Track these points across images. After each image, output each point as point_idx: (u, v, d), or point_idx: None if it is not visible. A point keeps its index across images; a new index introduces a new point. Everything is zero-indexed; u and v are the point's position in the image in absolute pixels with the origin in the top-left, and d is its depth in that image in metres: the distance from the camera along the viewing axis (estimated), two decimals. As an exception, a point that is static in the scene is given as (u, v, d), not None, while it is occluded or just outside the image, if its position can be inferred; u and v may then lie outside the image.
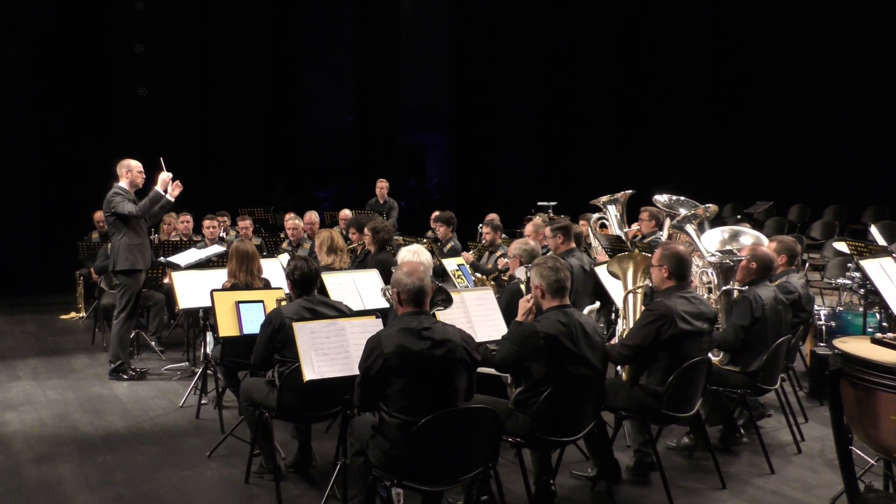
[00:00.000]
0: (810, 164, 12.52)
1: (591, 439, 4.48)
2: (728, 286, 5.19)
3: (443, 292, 4.29)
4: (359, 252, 7.18)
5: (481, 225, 8.13)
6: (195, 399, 6.09)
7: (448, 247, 8.17)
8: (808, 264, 9.77)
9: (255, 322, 5.02)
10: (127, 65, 13.57)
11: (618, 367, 4.72)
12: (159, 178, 6.93)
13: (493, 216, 8.47)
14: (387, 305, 5.39)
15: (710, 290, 5.28)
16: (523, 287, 5.21)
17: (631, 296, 4.87)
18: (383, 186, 11.28)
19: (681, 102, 14.73)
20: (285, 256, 7.24)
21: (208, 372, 6.11)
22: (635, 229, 8.06)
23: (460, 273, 7.08)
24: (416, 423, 3.40)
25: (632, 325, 4.67)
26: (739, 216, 11.54)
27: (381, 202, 11.23)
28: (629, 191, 8.00)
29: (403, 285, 3.69)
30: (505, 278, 6.13)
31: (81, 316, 9.69)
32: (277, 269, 6.42)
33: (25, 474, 4.86)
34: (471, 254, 7.97)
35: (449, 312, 4.55)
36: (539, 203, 11.38)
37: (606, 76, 15.81)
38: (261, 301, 5.22)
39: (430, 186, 18.91)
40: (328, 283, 5.61)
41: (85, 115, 12.86)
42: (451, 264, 7.19)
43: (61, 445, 5.37)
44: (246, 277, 5.54)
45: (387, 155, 16.16)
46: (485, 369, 4.22)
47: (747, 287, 5.11)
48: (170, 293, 7.53)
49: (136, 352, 7.79)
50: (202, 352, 6.50)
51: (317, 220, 8.93)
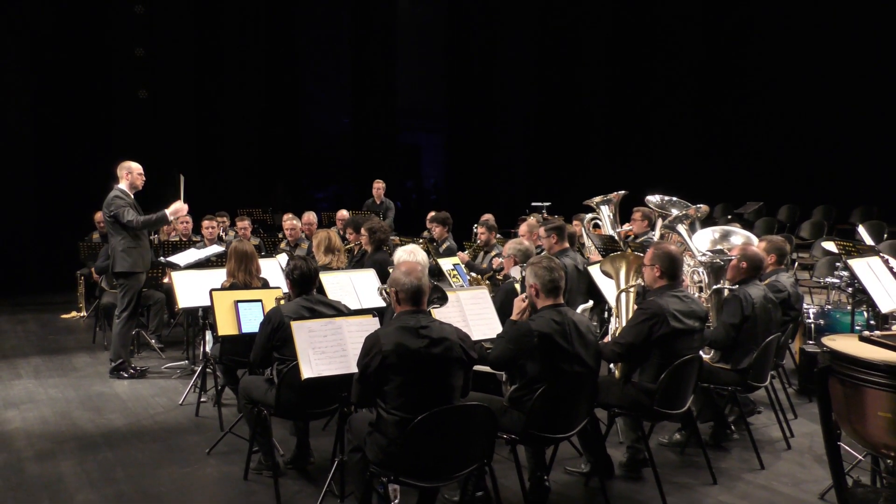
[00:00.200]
0: (799, 166, 12.56)
1: (585, 436, 4.49)
2: (719, 285, 5.21)
3: (438, 291, 4.30)
4: (356, 252, 7.17)
5: (476, 225, 8.13)
6: (195, 397, 6.09)
7: (444, 247, 8.17)
8: (797, 263, 9.79)
9: (253, 321, 5.02)
10: (127, 67, 13.53)
11: (611, 365, 4.73)
12: (174, 206, 6.93)
13: (488, 216, 8.47)
14: (383, 304, 5.38)
15: (701, 289, 5.29)
16: (518, 286, 5.21)
17: (624, 295, 4.88)
18: (380, 187, 11.27)
19: (673, 105, 14.75)
20: (283, 256, 7.23)
21: (207, 370, 6.11)
22: (626, 229, 8.07)
23: (456, 272, 7.08)
24: (412, 420, 3.40)
25: (624, 324, 4.67)
26: (730, 216, 11.56)
27: (378, 202, 11.22)
28: (622, 191, 8.01)
29: (402, 284, 3.69)
30: (500, 277, 6.13)
31: (82, 315, 9.68)
32: (276, 269, 6.41)
33: (27, 471, 4.85)
34: (466, 253, 7.97)
35: (445, 311, 4.56)
36: (533, 203, 11.38)
37: (600, 79, 15.84)
38: (259, 300, 5.21)
39: (428, 187, 18.92)
40: (326, 282, 5.60)
41: (85, 117, 12.83)
42: (446, 264, 7.18)
43: (62, 443, 5.36)
44: (245, 277, 5.53)
45: (384, 156, 16.15)
46: (480, 367, 4.22)
47: (738, 286, 5.12)
48: (169, 293, 7.51)
49: (137, 350, 7.78)
50: (201, 350, 6.49)
51: (314, 221, 8.92)
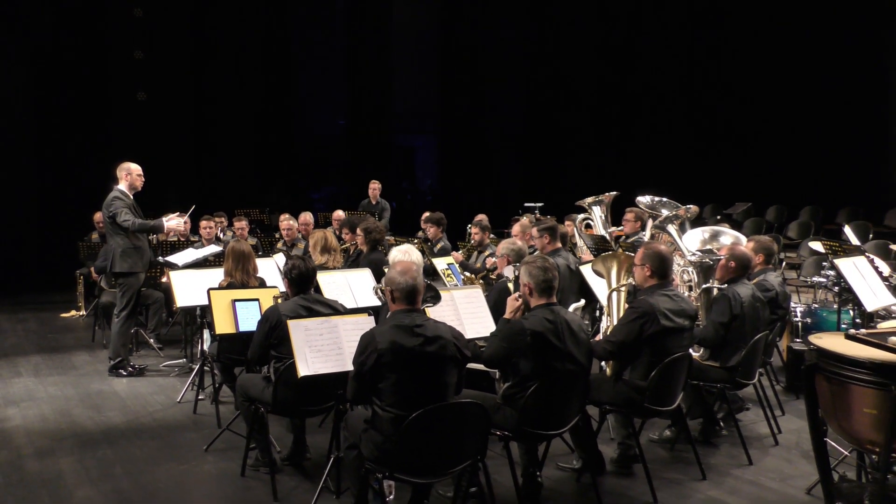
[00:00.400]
0: (787, 167, 12.60)
1: (577, 432, 4.49)
2: (708, 284, 5.22)
3: (431, 289, 4.29)
4: (351, 252, 7.16)
5: (470, 225, 8.12)
6: (192, 395, 6.07)
7: (438, 247, 8.16)
8: (784, 263, 9.81)
9: (250, 320, 5.01)
10: (126, 70, 13.49)
11: (602, 363, 4.73)
12: (175, 221, 7.01)
13: (482, 217, 8.46)
14: (378, 303, 5.38)
15: (690, 288, 5.30)
16: (511, 285, 5.21)
17: (615, 294, 4.89)
18: (376, 188, 11.25)
19: (663, 107, 14.78)
20: (280, 256, 7.21)
21: (205, 368, 6.09)
22: (617, 230, 8.07)
23: (450, 272, 7.08)
24: (407, 417, 3.40)
25: (616, 322, 4.68)
26: (719, 217, 11.60)
27: (374, 203, 11.21)
28: (613, 192, 8.01)
29: (397, 284, 3.69)
30: (493, 277, 6.13)
31: (81, 314, 9.64)
32: (272, 269, 6.40)
33: (27, 468, 4.84)
34: (460, 253, 7.96)
35: (440, 310, 4.56)
36: (526, 204, 11.37)
37: (591, 82, 15.83)
38: (256, 299, 5.21)
39: (423, 188, 18.93)
40: (322, 281, 5.60)
41: (85, 119, 12.79)
42: (440, 263, 7.18)
43: (62, 440, 5.34)
44: (242, 276, 5.53)
45: (378, 158, 16.14)
46: (474, 365, 4.22)
47: (726, 285, 5.13)
48: (168, 292, 7.48)
49: (135, 349, 7.75)
50: (199, 349, 6.47)
51: (311, 221, 8.90)
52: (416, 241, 8.30)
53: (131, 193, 6.87)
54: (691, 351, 4.77)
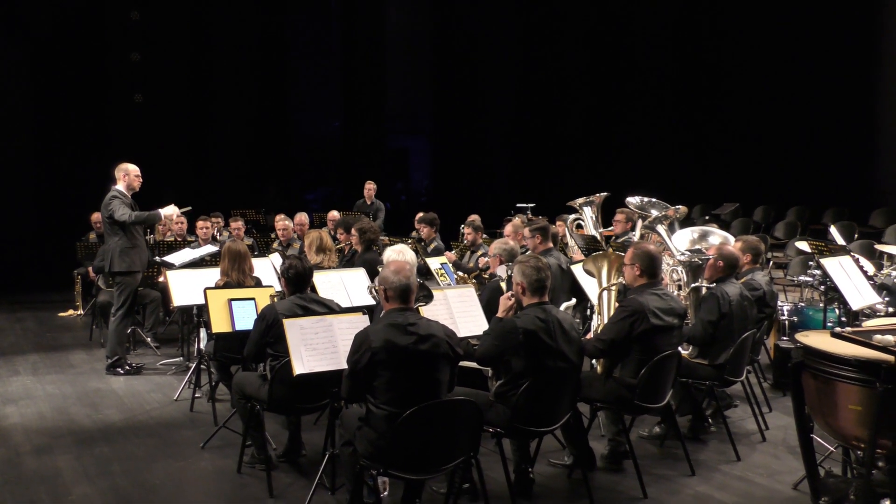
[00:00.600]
0: (774, 169, 12.63)
1: (568, 429, 4.49)
2: (697, 283, 5.22)
3: (424, 289, 4.29)
4: (346, 252, 7.15)
5: (463, 226, 8.12)
6: (189, 393, 6.06)
7: (431, 246, 8.16)
8: (771, 262, 9.84)
9: (246, 319, 5.01)
10: (123, 72, 13.48)
11: (593, 361, 4.73)
12: (169, 208, 6.97)
13: (475, 217, 8.45)
14: (373, 302, 5.37)
15: (679, 287, 5.31)
16: (503, 284, 5.21)
17: (605, 293, 4.89)
18: (371, 188, 11.23)
19: (653, 109, 14.79)
20: (276, 256, 7.20)
21: (202, 366, 6.07)
22: (607, 230, 8.08)
23: (443, 271, 7.07)
24: (401, 415, 3.40)
25: (606, 321, 4.69)
26: (707, 217, 11.63)
27: (369, 203, 11.18)
28: (604, 193, 8.01)
29: (390, 283, 3.69)
30: (486, 276, 6.13)
31: (79, 313, 9.60)
32: (268, 268, 6.39)
33: (25, 466, 4.82)
34: (453, 253, 7.96)
35: (433, 309, 4.55)
36: (518, 205, 11.37)
37: (582, 85, 15.86)
38: (252, 298, 5.20)
39: (420, 189, 18.93)
40: (317, 281, 5.59)
41: (83, 121, 12.76)
42: (434, 263, 7.17)
43: (60, 438, 5.32)
44: (238, 276, 5.51)
45: (372, 159, 16.15)
46: (467, 363, 4.22)
47: (715, 284, 5.14)
48: (165, 291, 7.44)
49: (133, 347, 7.72)
50: (196, 347, 6.45)
51: (306, 221, 8.89)
52: (409, 241, 8.30)
53: (129, 194, 6.85)
54: (680, 349, 4.78)
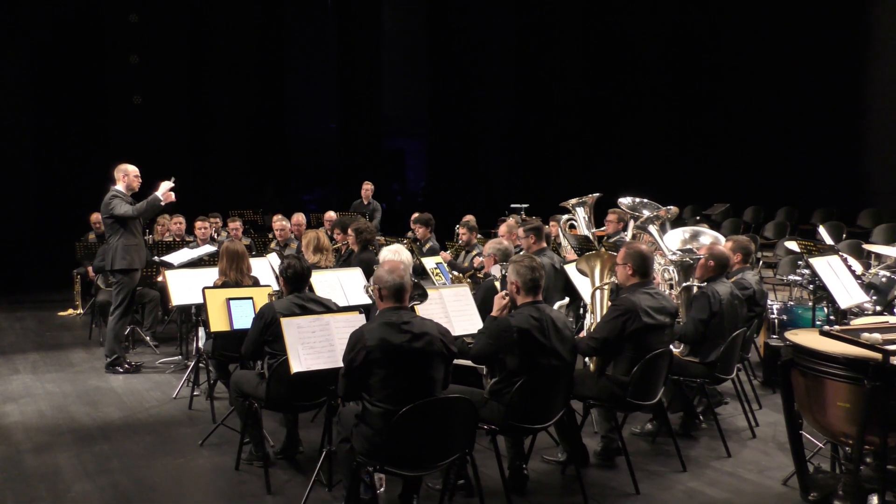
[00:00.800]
0: (764, 170, 12.66)
1: (562, 426, 4.50)
2: (688, 283, 5.23)
3: (419, 288, 4.29)
4: (343, 251, 7.15)
5: (458, 226, 8.12)
6: (188, 391, 6.05)
7: (427, 247, 8.16)
8: (761, 262, 9.86)
9: (244, 318, 5.00)
10: (122, 74, 13.45)
11: (586, 359, 4.74)
12: (162, 185, 6.88)
13: (469, 218, 8.46)
14: (369, 302, 5.37)
15: (671, 287, 5.31)
16: (497, 284, 5.22)
17: (598, 292, 4.90)
18: (368, 189, 11.21)
19: (645, 112, 14.82)
20: (273, 256, 7.19)
21: (200, 365, 6.06)
22: (600, 230, 8.08)
23: (438, 271, 7.08)
24: (397, 412, 3.40)
25: (599, 320, 4.69)
26: (698, 217, 11.66)
27: (366, 203, 11.17)
28: (596, 193, 8.02)
29: (385, 282, 3.69)
30: (480, 276, 6.13)
31: (78, 312, 9.57)
32: (266, 268, 6.38)
33: (25, 463, 4.80)
34: (448, 253, 7.96)
35: (429, 308, 4.55)
36: (512, 205, 11.38)
37: (576, 87, 15.89)
38: (250, 298, 5.19)
39: (415, 190, 18.92)
40: (314, 280, 5.57)
41: (82, 122, 12.74)
42: (429, 263, 7.18)
43: (60, 435, 5.31)
44: (236, 276, 5.50)
45: (369, 160, 16.13)
46: (462, 361, 4.22)
47: (706, 283, 5.15)
48: (163, 291, 7.42)
49: (132, 346, 7.71)
50: (194, 346, 6.44)
51: (303, 222, 8.88)
52: (405, 241, 8.29)
53: (128, 194, 6.83)
54: (672, 347, 4.79)
